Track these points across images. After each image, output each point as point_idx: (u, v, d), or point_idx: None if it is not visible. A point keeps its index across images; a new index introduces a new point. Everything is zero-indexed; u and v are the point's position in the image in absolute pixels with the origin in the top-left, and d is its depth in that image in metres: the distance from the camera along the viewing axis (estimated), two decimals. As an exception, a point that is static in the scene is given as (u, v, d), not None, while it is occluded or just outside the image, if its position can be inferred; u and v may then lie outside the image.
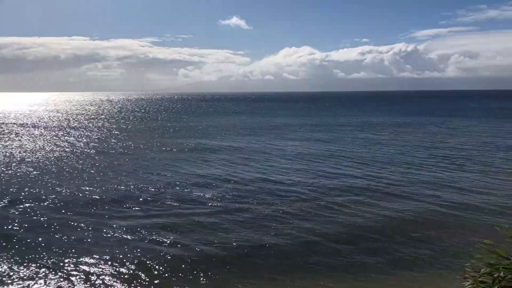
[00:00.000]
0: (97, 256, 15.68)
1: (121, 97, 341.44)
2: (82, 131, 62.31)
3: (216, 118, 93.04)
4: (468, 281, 6.82)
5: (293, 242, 17.18)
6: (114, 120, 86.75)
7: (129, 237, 17.81)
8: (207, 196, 24.29)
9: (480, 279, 6.57)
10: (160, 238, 17.70)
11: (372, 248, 16.60)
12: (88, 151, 41.91)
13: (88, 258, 15.55)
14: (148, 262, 15.28)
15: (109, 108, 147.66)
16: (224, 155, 39.18)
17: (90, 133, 60.15)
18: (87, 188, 25.93)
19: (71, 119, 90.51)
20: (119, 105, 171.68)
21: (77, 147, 44.41)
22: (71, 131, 62.84)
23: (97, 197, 23.97)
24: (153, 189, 25.83)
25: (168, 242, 17.26)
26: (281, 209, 21.58)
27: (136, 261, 15.34)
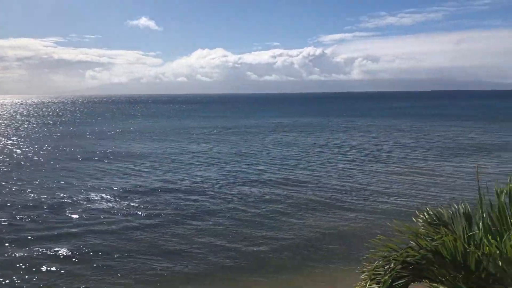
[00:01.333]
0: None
1: (18, 101, 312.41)
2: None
3: (123, 122, 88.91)
4: (365, 274, 7.02)
5: (201, 261, 15.99)
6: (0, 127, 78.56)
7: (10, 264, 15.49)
8: (103, 211, 22.23)
9: (374, 272, 6.74)
10: (48, 266, 15.52)
11: (279, 257, 16.22)
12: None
13: None
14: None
15: None
16: (129, 163, 36.80)
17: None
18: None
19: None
20: (12, 110, 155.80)
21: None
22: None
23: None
24: (38, 208, 22.81)
25: (57, 270, 15.25)
26: (189, 223, 20.18)
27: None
